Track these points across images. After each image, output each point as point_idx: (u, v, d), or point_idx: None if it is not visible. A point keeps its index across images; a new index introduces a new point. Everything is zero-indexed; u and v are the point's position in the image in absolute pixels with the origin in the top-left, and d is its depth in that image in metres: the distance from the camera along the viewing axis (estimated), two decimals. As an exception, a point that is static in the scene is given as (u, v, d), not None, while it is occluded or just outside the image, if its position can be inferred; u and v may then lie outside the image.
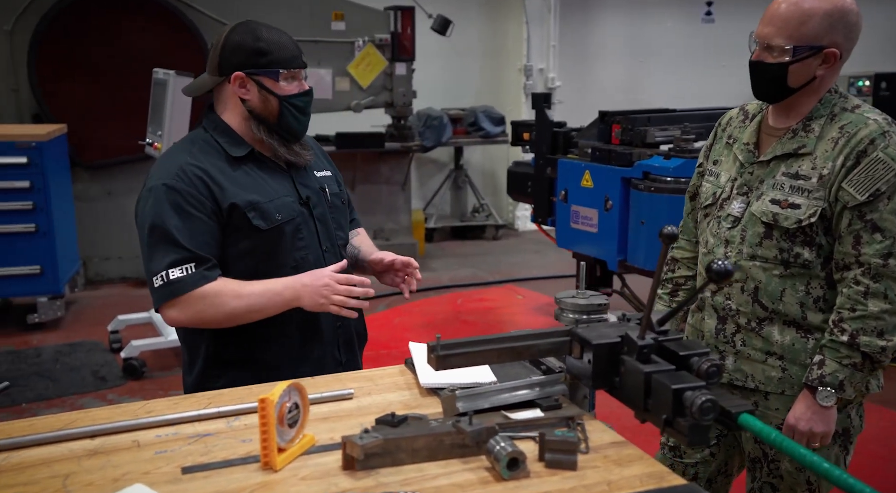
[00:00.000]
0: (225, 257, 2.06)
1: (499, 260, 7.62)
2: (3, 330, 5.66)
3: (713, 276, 1.57)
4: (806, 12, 1.96)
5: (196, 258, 1.97)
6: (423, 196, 8.77)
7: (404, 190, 7.39)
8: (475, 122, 8.21)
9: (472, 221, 8.59)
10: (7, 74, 6.43)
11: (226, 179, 2.06)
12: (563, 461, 1.50)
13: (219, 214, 2.02)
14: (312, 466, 1.48)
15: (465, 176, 8.62)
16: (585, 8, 9.19)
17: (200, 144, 2.11)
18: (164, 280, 1.95)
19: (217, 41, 2.12)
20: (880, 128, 1.96)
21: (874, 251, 1.93)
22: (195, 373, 2.12)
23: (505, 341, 1.72)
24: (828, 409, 1.99)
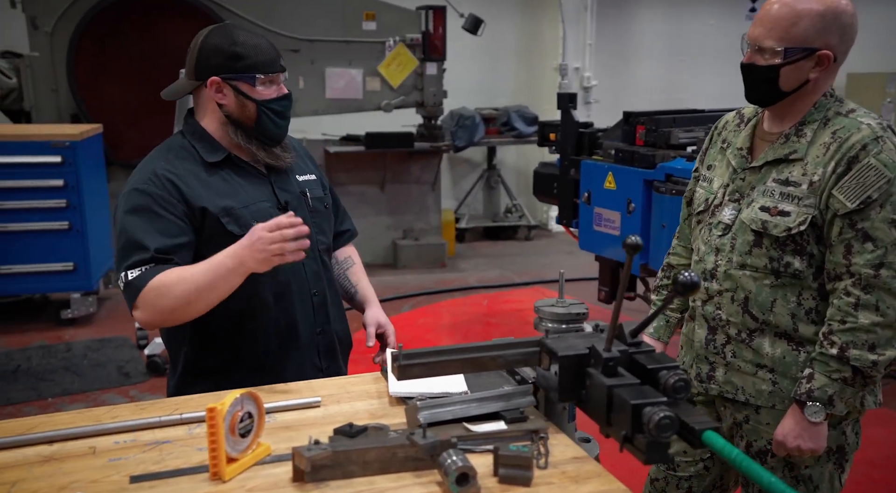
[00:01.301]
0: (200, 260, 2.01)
1: (529, 261, 7.56)
2: (38, 325, 5.81)
3: (679, 288, 1.52)
4: (798, 13, 1.89)
5: (156, 259, 1.94)
6: (456, 196, 8.75)
7: (434, 190, 7.37)
8: (508, 121, 8.16)
9: (504, 221, 8.54)
10: (47, 75, 6.59)
11: (200, 184, 2.04)
12: (516, 477, 1.47)
13: (191, 217, 2.00)
14: (263, 477, 1.46)
15: (498, 176, 8.57)
16: (623, 6, 9.07)
17: (177, 149, 2.09)
18: (125, 281, 1.93)
19: (194, 45, 2.08)
20: (873, 133, 1.88)
21: (865, 261, 1.85)
22: (176, 378, 2.13)
23: (470, 351, 1.69)
24: (817, 425, 1.91)
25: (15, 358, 5.17)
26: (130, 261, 1.93)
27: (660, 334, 2.36)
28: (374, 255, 7.34)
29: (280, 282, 2.10)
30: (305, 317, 2.16)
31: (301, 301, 2.15)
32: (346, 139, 7.20)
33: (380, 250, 7.37)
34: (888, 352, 1.85)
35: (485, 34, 7.88)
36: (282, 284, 2.11)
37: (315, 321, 2.18)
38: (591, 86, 8.89)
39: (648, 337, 2.38)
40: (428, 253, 7.24)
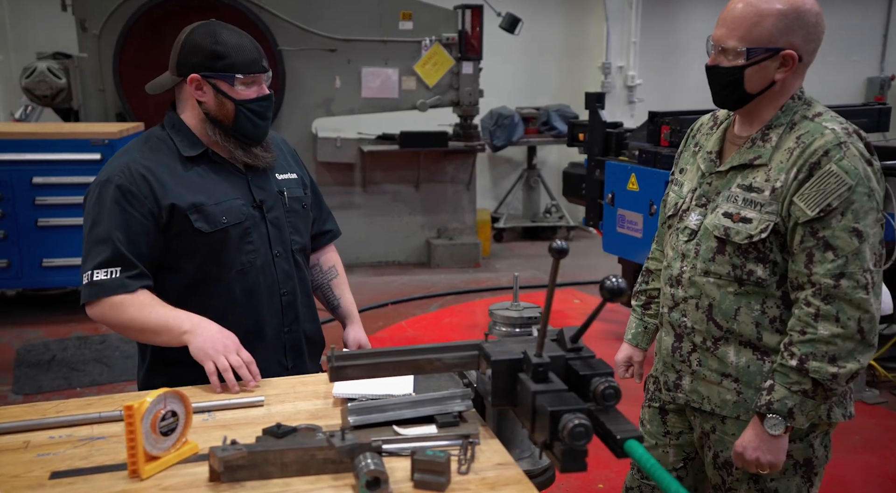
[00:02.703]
0: (171, 257, 2.07)
1: (566, 263, 7.37)
2: (76, 316, 5.97)
3: (605, 293, 1.49)
4: (760, 13, 1.82)
5: (123, 262, 1.98)
6: (496, 196, 8.72)
7: (469, 189, 7.35)
8: (548, 121, 8.09)
9: (543, 221, 8.46)
10: (94, 75, 6.80)
11: (173, 178, 2.05)
12: (431, 482, 1.45)
13: (157, 215, 2.02)
14: (181, 476, 1.48)
15: (538, 176, 8.50)
16: (669, 3, 8.89)
17: (154, 141, 2.10)
18: (89, 280, 1.98)
19: (178, 40, 2.10)
20: (836, 138, 1.80)
21: (825, 271, 1.77)
22: (144, 369, 2.17)
23: (406, 353, 1.67)
24: (777, 438, 1.84)
25: (52, 348, 5.35)
26: (98, 260, 1.98)
27: (638, 341, 2.31)
28: (407, 254, 7.37)
29: (250, 280, 2.13)
30: (273, 315, 2.18)
31: (269, 300, 2.16)
32: (381, 138, 7.24)
33: (413, 249, 7.39)
34: (849, 365, 1.77)
35: (527, 33, 7.83)
36: (251, 282, 2.13)
37: (283, 321, 2.20)
38: (635, 85, 8.75)
39: (627, 344, 2.34)
40: (462, 253, 7.23)
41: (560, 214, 8.46)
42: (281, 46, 6.77)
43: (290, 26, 6.79)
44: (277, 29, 6.76)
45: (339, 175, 7.12)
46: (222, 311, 2.10)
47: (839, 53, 9.20)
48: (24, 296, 6.38)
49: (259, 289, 2.14)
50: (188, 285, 2.10)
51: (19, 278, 5.87)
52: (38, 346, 5.39)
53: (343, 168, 7.10)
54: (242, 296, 2.12)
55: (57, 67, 6.76)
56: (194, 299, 2.07)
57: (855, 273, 1.76)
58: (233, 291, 2.11)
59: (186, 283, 2.10)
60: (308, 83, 6.91)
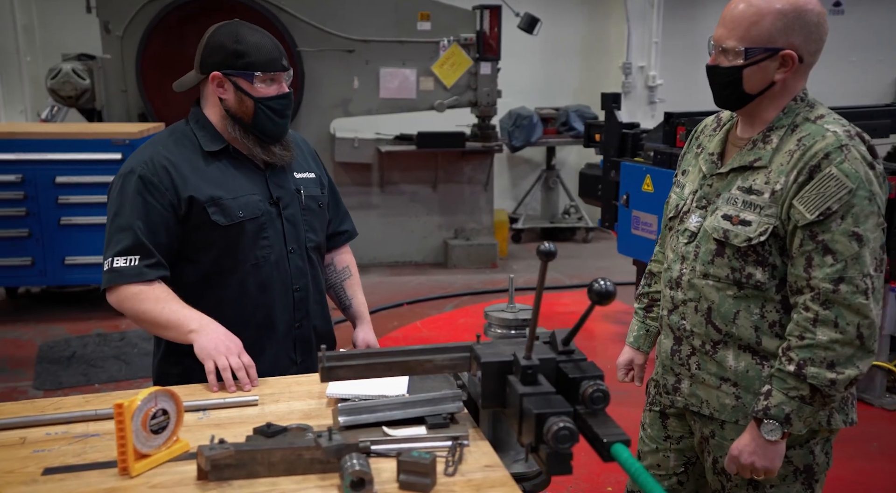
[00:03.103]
0: (189, 249, 2.13)
1: (584, 264, 7.45)
2: (99, 314, 6.07)
3: (593, 296, 1.49)
4: (759, 12, 1.81)
5: (142, 251, 2.04)
6: (515, 196, 8.70)
7: (486, 190, 7.35)
8: (567, 121, 8.06)
9: (562, 222, 8.43)
10: (117, 76, 6.89)
11: (193, 172, 2.11)
12: (415, 484, 1.46)
13: (176, 206, 2.08)
14: (170, 474, 1.50)
15: (557, 177, 8.47)
16: (692, 3, 8.82)
17: (178, 135, 2.17)
18: (109, 267, 2.05)
19: (202, 39, 2.17)
20: (838, 141, 1.77)
21: (824, 275, 1.75)
22: (157, 359, 2.23)
23: (398, 354, 1.69)
24: (773, 443, 1.82)
25: (73, 344, 5.43)
26: (119, 248, 2.04)
27: (639, 344, 2.30)
28: (424, 254, 7.38)
29: (263, 274, 2.17)
30: (285, 310, 2.22)
31: (282, 295, 2.21)
32: (399, 139, 7.25)
33: (430, 250, 7.40)
34: (848, 371, 1.75)
35: (547, 33, 7.81)
36: (265, 276, 2.18)
37: (294, 316, 2.24)
38: (656, 85, 8.69)
39: (629, 347, 2.32)
40: (479, 253, 7.23)
41: (579, 215, 8.42)
42: (300, 47, 6.81)
43: (308, 27, 6.83)
44: (296, 30, 6.80)
45: (356, 175, 7.15)
46: (236, 303, 2.16)
47: (865, 54, 9.07)
48: (48, 293, 6.48)
49: (272, 284, 2.19)
50: (204, 276, 2.15)
51: (42, 275, 5.96)
52: (59, 342, 5.48)
53: (361, 168, 7.12)
54: (256, 290, 2.17)
55: (81, 69, 6.86)
56: (209, 291, 2.14)
57: (854, 278, 1.73)
58: (247, 284, 2.16)
59: (202, 275, 2.15)
60: (326, 84, 6.94)
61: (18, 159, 5.75)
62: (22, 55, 8.09)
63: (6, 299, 6.44)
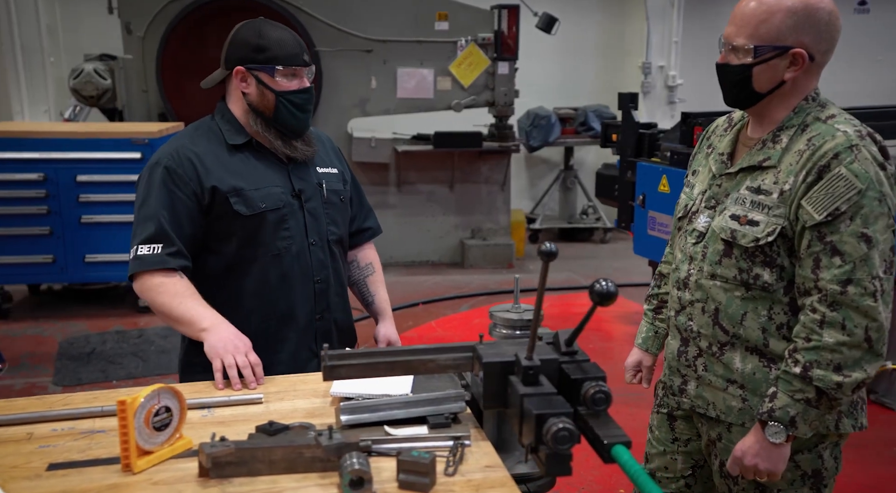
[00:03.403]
0: (211, 239, 2.18)
1: (601, 264, 7.42)
2: (119, 311, 6.14)
3: (594, 297, 1.49)
4: (769, 10, 1.79)
5: (165, 240, 2.09)
6: (533, 196, 8.68)
7: (503, 190, 7.34)
8: (585, 121, 8.03)
9: (579, 223, 8.40)
10: (138, 77, 6.96)
11: (217, 163, 2.16)
12: (415, 483, 1.46)
13: (200, 196, 2.13)
14: (172, 471, 1.51)
15: (575, 177, 8.44)
16: (712, 2, 8.74)
17: (203, 129, 2.24)
18: (134, 254, 2.11)
19: (228, 37, 2.23)
20: (848, 141, 1.75)
21: (832, 277, 1.73)
22: (182, 349, 2.26)
23: (400, 354, 1.69)
24: (778, 446, 1.80)
25: (92, 341, 5.49)
26: (144, 236, 2.10)
27: (648, 346, 2.29)
28: (441, 254, 7.38)
29: (285, 265, 2.22)
30: (306, 301, 2.25)
31: (303, 286, 2.25)
32: (416, 138, 7.26)
33: (447, 250, 7.40)
34: (855, 374, 1.73)
35: (566, 32, 7.78)
36: (286, 267, 2.22)
37: (315, 307, 2.27)
38: (675, 85, 8.64)
39: (637, 348, 2.31)
40: (495, 253, 7.22)
41: (597, 215, 8.39)
42: (318, 47, 6.83)
43: (326, 27, 6.86)
44: (314, 30, 6.83)
45: (373, 175, 7.16)
46: (257, 294, 2.20)
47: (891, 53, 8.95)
48: (70, 290, 6.55)
49: (293, 275, 2.23)
50: (226, 266, 2.20)
51: (63, 273, 6.03)
52: (79, 339, 5.54)
53: (378, 168, 7.14)
54: (277, 280, 2.21)
55: (103, 69, 6.93)
56: (231, 281, 2.20)
57: (863, 280, 1.71)
58: (268, 275, 2.20)
59: (225, 265, 2.20)
60: (344, 83, 6.96)
61: (40, 158, 5.82)
62: (46, 56, 8.19)
63: (28, 295, 6.52)
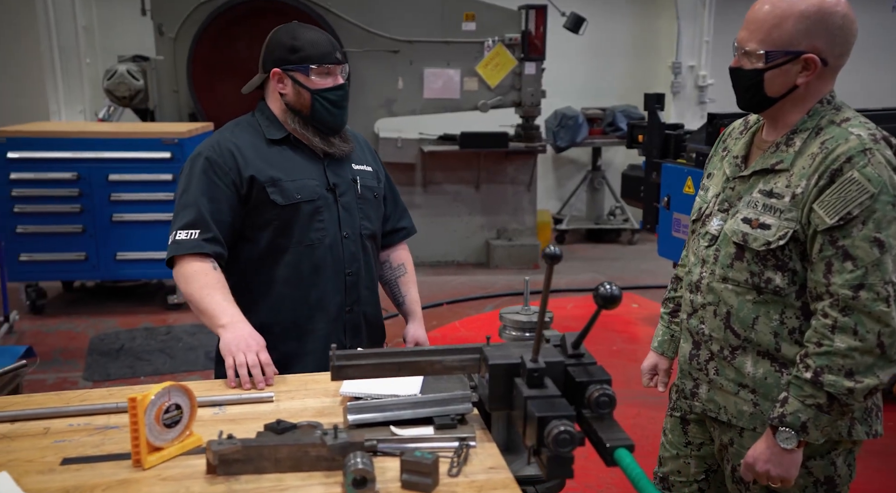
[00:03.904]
0: (248, 228, 2.25)
1: (628, 266, 7.37)
2: (148, 308, 6.24)
3: (598, 300, 1.49)
4: (781, 15, 1.78)
5: (202, 226, 2.16)
6: (560, 197, 8.66)
7: (529, 190, 7.33)
8: (613, 122, 7.98)
9: (607, 223, 8.36)
10: (170, 77, 7.05)
11: (256, 154, 2.25)
12: (417, 483, 1.48)
13: (239, 185, 2.21)
14: (181, 467, 1.54)
15: (602, 178, 8.39)
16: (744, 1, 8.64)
17: (244, 125, 2.33)
18: (172, 239, 2.18)
19: (264, 42, 2.31)
20: (861, 144, 1.73)
21: (844, 281, 1.71)
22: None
23: (407, 355, 1.71)
24: (789, 452, 1.78)
25: (121, 338, 5.59)
26: (182, 222, 2.17)
27: (664, 349, 2.28)
28: (466, 254, 7.40)
29: (317, 256, 2.28)
30: (336, 293, 2.31)
31: (334, 278, 2.30)
32: (442, 139, 7.28)
33: (472, 250, 7.41)
34: (867, 380, 1.71)
35: (595, 32, 7.75)
36: (319, 258, 2.28)
37: (345, 300, 2.33)
38: (706, 85, 8.56)
39: (653, 352, 2.30)
40: (520, 254, 7.21)
41: (624, 216, 8.34)
42: (345, 48, 6.86)
43: (354, 28, 6.90)
44: (342, 31, 6.87)
45: (400, 175, 7.19)
46: (289, 282, 2.27)
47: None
48: (102, 287, 6.67)
49: (325, 266, 2.29)
50: (261, 255, 2.27)
51: (95, 270, 6.14)
52: (110, 335, 5.64)
53: (404, 168, 7.17)
54: (309, 271, 2.27)
55: (135, 70, 7.05)
56: (265, 269, 2.27)
57: (875, 285, 1.69)
58: (301, 264, 2.27)
59: (260, 253, 2.26)
60: (371, 84, 7.00)
61: (74, 157, 5.94)
62: (82, 57, 8.34)
63: (62, 292, 6.65)
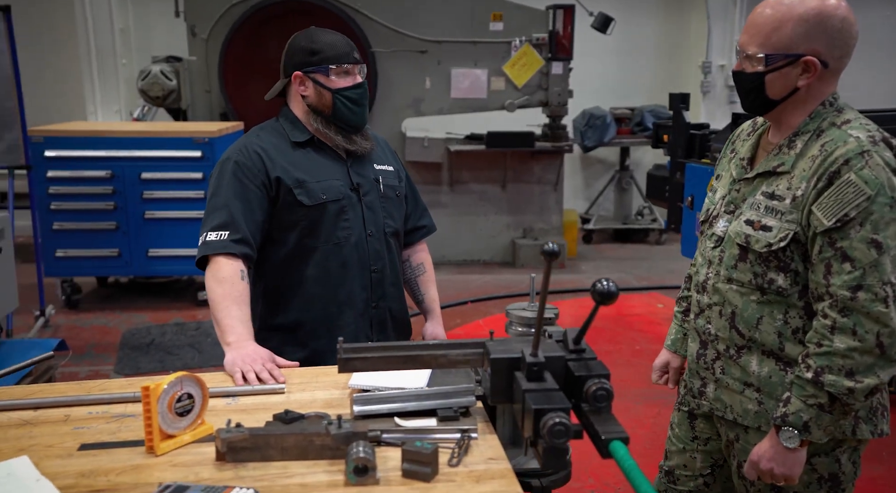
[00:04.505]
0: (276, 229, 2.32)
1: (655, 266, 7.35)
2: (179, 304, 6.37)
3: (595, 297, 1.53)
4: (780, 19, 1.80)
5: (232, 228, 2.22)
6: (588, 197, 8.65)
7: (556, 190, 7.34)
8: (641, 122, 7.96)
9: (634, 223, 8.34)
10: (202, 77, 7.18)
11: (281, 157, 2.33)
12: (417, 472, 1.52)
13: (268, 186, 2.29)
14: (192, 454, 1.60)
15: (630, 177, 8.37)
16: None
17: (269, 129, 2.41)
18: (203, 240, 2.26)
19: (285, 48, 2.38)
20: (859, 147, 1.75)
21: (842, 282, 1.73)
22: (255, 332, 2.35)
23: (412, 348, 1.75)
24: (793, 451, 1.80)
25: (152, 333, 5.72)
26: (213, 224, 2.25)
27: (676, 347, 2.30)
28: (492, 253, 7.43)
29: (344, 254, 2.35)
30: (363, 289, 2.38)
31: (360, 274, 2.38)
32: (469, 138, 7.32)
33: (499, 249, 7.44)
34: (867, 379, 1.72)
35: (624, 32, 7.75)
36: (345, 256, 2.36)
37: (371, 296, 2.40)
38: (736, 84, 8.49)
39: (666, 349, 2.33)
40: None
41: (652, 216, 8.31)
42: (374, 48, 6.95)
43: (383, 28, 6.97)
44: (371, 31, 6.95)
45: (426, 174, 7.25)
46: (318, 280, 2.34)
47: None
48: (135, 283, 6.82)
49: (351, 263, 2.36)
50: (290, 255, 2.34)
51: (128, 266, 6.29)
52: (141, 330, 5.77)
53: (431, 167, 7.22)
54: (337, 268, 2.35)
55: (169, 70, 7.19)
56: (294, 268, 2.34)
57: (873, 286, 1.70)
58: (328, 263, 2.34)
59: (288, 253, 2.34)
60: (399, 84, 7.07)
61: (108, 156, 6.08)
62: (118, 58, 8.52)
63: (97, 287, 6.81)
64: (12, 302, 4.42)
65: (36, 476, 1.47)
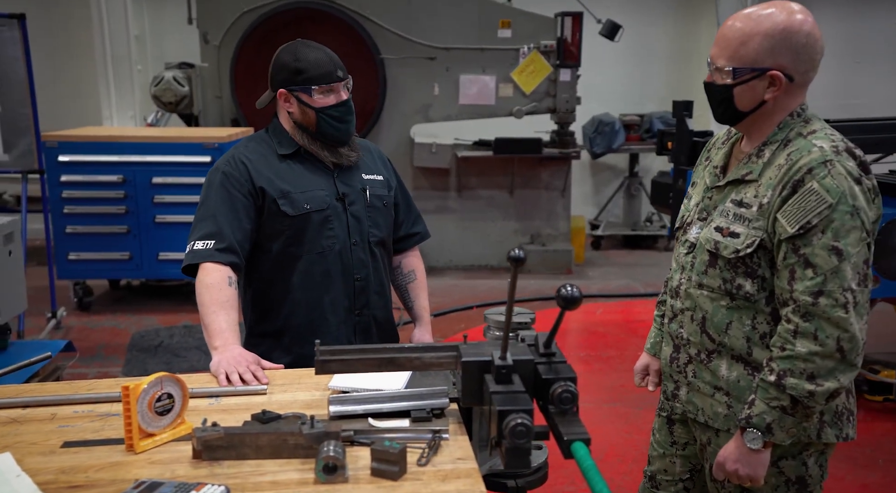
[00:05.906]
0: (262, 238, 2.38)
1: (662, 272, 7.33)
2: (188, 307, 6.44)
3: (560, 301, 1.57)
4: (747, 33, 1.85)
5: (218, 237, 2.28)
6: (597, 203, 8.66)
7: (563, 196, 7.36)
8: (651, 128, 7.97)
9: (643, 230, 8.34)
10: (214, 84, 7.28)
11: (267, 168, 2.38)
12: (385, 471, 1.57)
13: (255, 195, 2.35)
14: (170, 452, 1.66)
15: (640, 184, 8.38)
16: (787, 6, 8.54)
17: (257, 140, 2.47)
18: (190, 249, 2.32)
19: (272, 60, 2.43)
20: (823, 156, 1.79)
21: (804, 288, 1.77)
22: (244, 339, 2.44)
23: (388, 351, 1.80)
24: (756, 452, 1.84)
25: (161, 335, 5.80)
26: (200, 233, 2.31)
27: (656, 350, 2.33)
28: (499, 258, 7.46)
29: (328, 263, 2.41)
30: (346, 297, 2.44)
31: (344, 283, 2.43)
32: (477, 144, 7.37)
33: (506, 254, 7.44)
34: (828, 383, 1.75)
35: (634, 38, 7.77)
36: (329, 264, 2.41)
37: (354, 304, 2.45)
38: (746, 91, 8.48)
39: (646, 353, 2.36)
40: (554, 259, 7.25)
41: (661, 222, 8.31)
42: (383, 55, 7.01)
43: (391, 35, 7.03)
44: (380, 38, 7.01)
45: (434, 180, 7.30)
46: (303, 287, 2.40)
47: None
48: (147, 286, 6.92)
49: (335, 272, 2.42)
50: (275, 264, 2.40)
51: (139, 269, 6.38)
52: (150, 332, 5.85)
53: (439, 173, 7.27)
54: (320, 276, 2.40)
55: (181, 76, 7.28)
56: (279, 276, 2.40)
57: (833, 292, 1.74)
58: (312, 271, 2.40)
59: (273, 262, 2.40)
60: (407, 90, 7.12)
61: (120, 161, 6.19)
62: (133, 64, 8.65)
63: (109, 290, 6.91)
64: (21, 304, 4.51)
65: (17, 472, 1.53)
